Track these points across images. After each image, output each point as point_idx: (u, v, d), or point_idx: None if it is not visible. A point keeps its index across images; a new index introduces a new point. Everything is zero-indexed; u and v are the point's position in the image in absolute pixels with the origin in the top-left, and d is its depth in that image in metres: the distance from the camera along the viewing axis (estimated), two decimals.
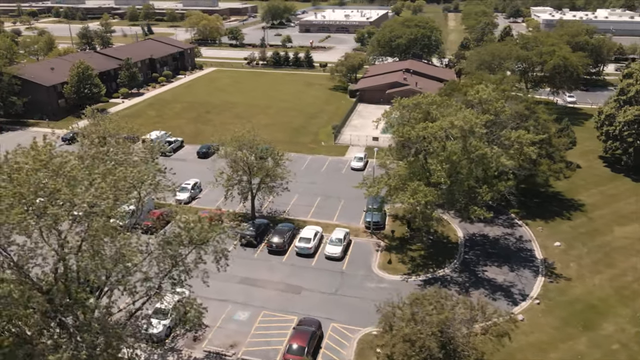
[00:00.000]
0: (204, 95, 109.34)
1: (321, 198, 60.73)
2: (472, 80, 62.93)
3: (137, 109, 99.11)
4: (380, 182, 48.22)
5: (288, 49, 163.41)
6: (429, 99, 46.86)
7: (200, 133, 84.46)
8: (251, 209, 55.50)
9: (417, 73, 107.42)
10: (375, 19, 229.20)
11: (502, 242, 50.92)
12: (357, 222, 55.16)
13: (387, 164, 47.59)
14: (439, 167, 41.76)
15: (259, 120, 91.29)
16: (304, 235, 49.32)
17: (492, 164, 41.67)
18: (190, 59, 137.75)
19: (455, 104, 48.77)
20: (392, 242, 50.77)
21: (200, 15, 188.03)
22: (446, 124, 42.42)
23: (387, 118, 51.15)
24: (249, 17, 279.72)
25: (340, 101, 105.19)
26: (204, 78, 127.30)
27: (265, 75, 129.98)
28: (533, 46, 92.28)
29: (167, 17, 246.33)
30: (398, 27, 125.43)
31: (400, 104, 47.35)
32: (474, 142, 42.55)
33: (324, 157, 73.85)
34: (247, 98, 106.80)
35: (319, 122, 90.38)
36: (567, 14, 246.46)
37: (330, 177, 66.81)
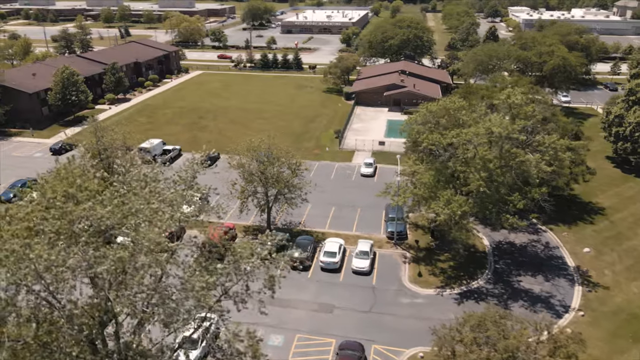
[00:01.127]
0: (195, 99, 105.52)
1: (336, 207, 58.36)
2: (491, 82, 61.41)
3: (126, 115, 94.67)
4: (406, 190, 46.23)
5: (273, 50, 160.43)
6: (456, 104, 45.02)
7: (197, 140, 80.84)
8: (267, 222, 52.70)
9: (412, 74, 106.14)
10: (357, 20, 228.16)
11: (530, 249, 49.58)
12: (377, 232, 53.01)
13: (414, 172, 45.46)
14: (476, 175, 39.90)
15: (256, 125, 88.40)
16: (329, 249, 46.88)
17: (533, 171, 40.07)
18: (175, 62, 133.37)
19: (480, 109, 47.17)
20: (419, 253, 48.82)
21: (181, 16, 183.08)
22: (482, 131, 40.63)
23: (410, 123, 48.98)
24: (227, 18, 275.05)
25: (336, 104, 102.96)
26: (191, 82, 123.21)
27: (255, 78, 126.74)
28: (531, 46, 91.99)
29: (144, 18, 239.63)
30: (390, 28, 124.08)
31: (428, 109, 45.31)
32: (511, 149, 40.92)
33: (331, 164, 71.48)
34: (240, 102, 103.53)
35: (319, 127, 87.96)
36: (544, 13, 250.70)
37: (341, 185, 64.50)
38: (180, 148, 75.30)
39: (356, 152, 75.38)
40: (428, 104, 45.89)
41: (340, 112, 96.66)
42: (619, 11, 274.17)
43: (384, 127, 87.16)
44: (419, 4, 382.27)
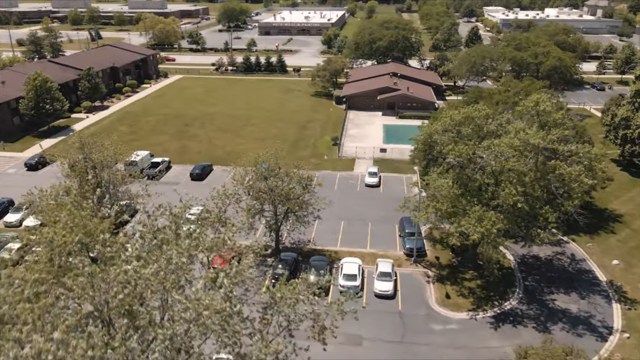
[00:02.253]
0: (178, 106, 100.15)
1: (345, 222, 54.73)
2: (502, 87, 58.88)
3: (106, 124, 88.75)
4: (428, 205, 43.02)
5: (254, 53, 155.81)
6: (482, 112, 42.03)
7: (186, 150, 76.05)
8: (275, 242, 48.63)
9: (403, 77, 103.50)
10: (335, 20, 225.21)
11: (557, 263, 47.10)
12: (393, 248, 49.65)
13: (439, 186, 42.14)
14: (512, 190, 36.91)
15: (247, 133, 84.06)
16: (348, 272, 43.21)
17: (574, 185, 37.39)
18: (154, 66, 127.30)
19: (501, 117, 44.36)
20: (442, 271, 45.67)
21: (156, 18, 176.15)
22: (516, 142, 37.70)
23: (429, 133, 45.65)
24: (201, 19, 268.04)
25: (327, 109, 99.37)
26: (172, 87, 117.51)
27: (239, 83, 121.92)
28: (525, 47, 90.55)
29: (115, 20, 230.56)
30: (378, 29, 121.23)
31: (452, 118, 42.13)
32: (547, 160, 38.14)
33: (332, 174, 67.82)
34: (227, 108, 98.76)
35: (313, 134, 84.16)
36: (519, 13, 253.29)
37: (346, 196, 60.91)
38: (170, 160, 70.27)
39: (357, 160, 71.92)
40: (452, 113, 42.69)
41: (333, 117, 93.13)
42: (589, 10, 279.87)
43: (381, 132, 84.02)
44: (393, 4, 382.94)
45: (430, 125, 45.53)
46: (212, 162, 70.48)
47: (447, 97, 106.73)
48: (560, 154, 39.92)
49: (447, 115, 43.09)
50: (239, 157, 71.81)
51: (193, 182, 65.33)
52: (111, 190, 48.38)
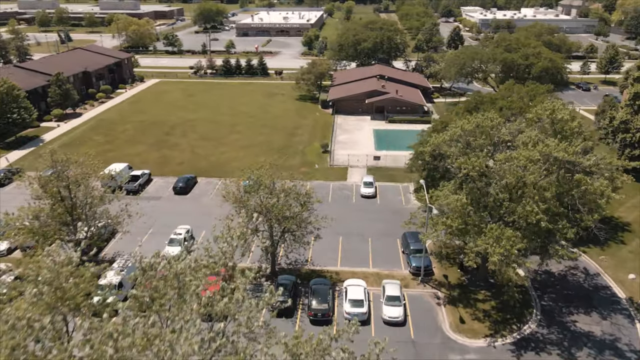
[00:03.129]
0: (157, 112, 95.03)
1: (343, 237, 51.18)
2: (505, 92, 56.22)
3: (79, 134, 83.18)
4: (437, 222, 39.91)
5: (234, 55, 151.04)
6: (495, 121, 39.03)
7: (167, 161, 71.34)
8: (271, 264, 44.73)
9: (391, 79, 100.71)
10: (315, 21, 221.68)
11: (571, 279, 44.53)
12: (397, 267, 46.35)
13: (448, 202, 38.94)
14: (534, 207, 33.96)
15: (231, 141, 79.80)
16: (354, 297, 39.66)
17: (602, 201, 34.69)
18: (128, 69, 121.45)
19: (514, 125, 41.53)
20: (452, 292, 42.56)
21: (129, 19, 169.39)
22: (536, 155, 34.77)
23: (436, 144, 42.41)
24: (176, 20, 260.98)
25: (313, 113, 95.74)
26: (149, 92, 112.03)
27: (219, 87, 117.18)
28: (515, 48, 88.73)
29: (86, 22, 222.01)
30: (362, 30, 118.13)
31: (462, 128, 38.98)
32: (567, 174, 35.36)
33: (325, 184, 64.19)
34: (208, 114, 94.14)
35: (302, 140, 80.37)
36: (497, 13, 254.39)
37: (342, 209, 57.35)
38: (150, 172, 65.49)
39: (350, 169, 68.48)
40: (462, 123, 39.55)
41: (320, 122, 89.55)
42: (564, 10, 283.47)
43: (372, 138, 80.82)
44: (370, 5, 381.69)
45: (437, 135, 42.28)
46: (196, 173, 66.08)
47: (435, 100, 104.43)
48: (579, 165, 37.17)
49: (456, 125, 39.91)
50: (224, 168, 68.56)
51: (177, 196, 60.80)
52: (87, 212, 43.71)
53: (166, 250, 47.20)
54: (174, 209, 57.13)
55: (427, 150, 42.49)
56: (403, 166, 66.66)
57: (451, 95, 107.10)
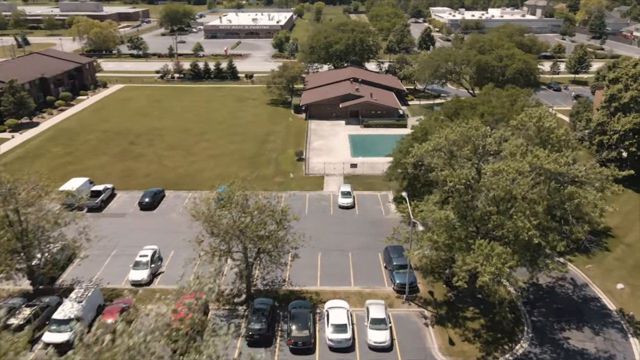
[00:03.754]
0: (121, 120, 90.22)
1: (322, 253, 48.42)
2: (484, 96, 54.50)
3: (35, 145, 77.84)
4: (423, 238, 37.69)
5: (202, 58, 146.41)
6: (480, 130, 36.98)
7: (132, 173, 67.12)
8: (247, 286, 41.57)
9: (364, 82, 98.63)
10: (284, 22, 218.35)
11: (560, 291, 43.02)
12: (380, 283, 43.93)
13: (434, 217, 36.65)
14: (526, 222, 31.98)
15: (201, 150, 76.04)
16: (337, 321, 36.93)
17: (595, 215, 33.03)
18: (90, 75, 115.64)
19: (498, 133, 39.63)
20: (439, 310, 40.37)
21: (90, 21, 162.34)
22: (526, 167, 32.83)
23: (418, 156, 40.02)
24: (142, 22, 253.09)
25: (286, 118, 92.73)
26: (113, 98, 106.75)
27: (188, 92, 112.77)
28: (489, 50, 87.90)
29: (45, 24, 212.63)
30: (333, 32, 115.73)
31: (447, 138, 36.76)
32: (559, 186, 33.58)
33: (300, 195, 61.31)
34: (176, 121, 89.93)
35: (274, 148, 77.26)
36: (465, 13, 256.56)
37: (320, 221, 54.60)
38: (114, 187, 61.22)
39: (326, 178, 65.80)
40: (446, 132, 37.33)
41: (293, 128, 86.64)
42: (529, 10, 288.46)
43: (347, 144, 78.38)
44: (339, 5, 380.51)
45: (419, 145, 39.98)
46: (163, 186, 62.19)
47: (410, 102, 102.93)
48: (568, 176, 35.45)
49: (440, 135, 37.69)
50: (193, 179, 64.85)
51: (143, 212, 56.85)
52: (40, 237, 39.63)
53: (131, 275, 43.59)
54: (140, 227, 53.25)
55: (409, 162, 40.11)
56: (381, 173, 64.57)
57: (425, 97, 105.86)
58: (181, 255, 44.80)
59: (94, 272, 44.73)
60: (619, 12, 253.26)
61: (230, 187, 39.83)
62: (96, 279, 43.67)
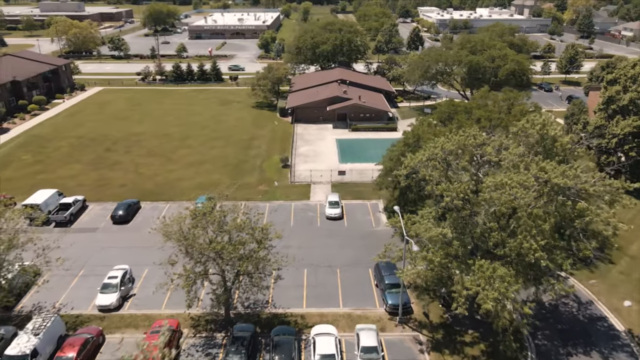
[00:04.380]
0: (97, 125, 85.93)
1: (309, 270, 45.00)
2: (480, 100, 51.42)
3: (3, 153, 73.35)
4: (417, 257, 34.49)
5: (185, 59, 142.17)
6: (478, 139, 33.81)
7: (107, 183, 63.06)
8: (225, 311, 38.00)
9: (352, 84, 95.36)
10: (271, 23, 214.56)
11: (564, 309, 40.04)
12: (371, 304, 40.61)
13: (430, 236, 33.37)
14: (532, 243, 28.89)
15: (181, 157, 72.14)
16: (324, 351, 33.52)
17: (609, 233, 30.05)
18: (67, 77, 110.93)
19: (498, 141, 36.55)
20: (435, 334, 37.15)
21: (69, 21, 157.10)
22: (531, 181, 29.73)
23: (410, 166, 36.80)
24: (125, 22, 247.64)
25: (271, 122, 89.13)
26: (90, 102, 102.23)
27: (169, 94, 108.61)
28: (480, 50, 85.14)
29: (23, 25, 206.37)
30: (320, 32, 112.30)
31: (443, 148, 33.52)
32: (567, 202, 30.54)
33: (285, 204, 57.79)
34: (156, 126, 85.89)
35: (259, 154, 73.64)
36: (453, 13, 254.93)
37: (306, 234, 51.17)
38: (85, 198, 57.15)
39: (313, 186, 62.35)
40: (442, 141, 34.10)
41: (279, 133, 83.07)
42: (517, 9, 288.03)
43: (335, 149, 75.02)
44: (327, 5, 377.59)
45: (412, 155, 36.71)
46: (139, 197, 58.29)
47: (400, 104, 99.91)
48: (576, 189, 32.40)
49: (436, 145, 34.46)
50: (173, 189, 61.02)
51: (116, 226, 52.88)
52: None
53: (98, 300, 39.73)
54: (112, 243, 49.34)
55: (402, 173, 36.80)
56: (371, 181, 61.41)
57: (415, 99, 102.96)
58: (155, 275, 41.27)
59: (58, 295, 40.82)
60: (606, 12, 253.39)
61: (206, 203, 36.30)
62: (59, 304, 39.76)
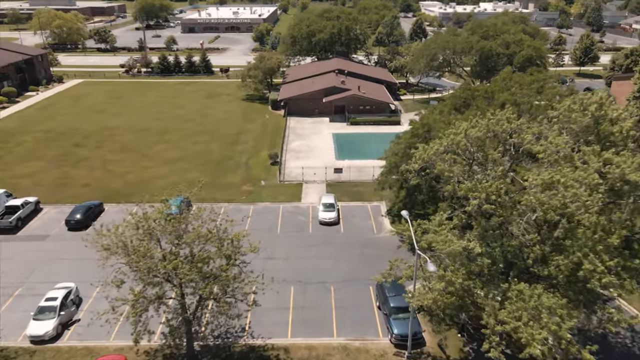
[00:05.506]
0: (70, 119, 77.88)
1: (296, 288, 36.98)
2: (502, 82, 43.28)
3: None
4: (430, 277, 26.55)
5: (174, 52, 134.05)
6: (513, 123, 25.72)
7: (68, 183, 55.04)
8: (187, 342, 29.89)
9: (351, 74, 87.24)
10: (267, 16, 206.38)
11: (614, 340, 31.92)
12: (373, 332, 32.56)
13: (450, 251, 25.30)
14: (598, 264, 20.90)
15: (158, 153, 64.08)
16: None
17: None
18: (43, 69, 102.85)
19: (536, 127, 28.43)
20: None
21: (53, 13, 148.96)
22: (595, 178, 21.69)
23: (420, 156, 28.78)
24: (117, 17, 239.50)
25: (262, 115, 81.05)
26: (67, 94, 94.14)
27: (154, 87, 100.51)
28: (493, 35, 77.03)
29: (9, 18, 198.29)
30: (317, 20, 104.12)
31: (467, 134, 25.47)
32: None
33: (272, 207, 49.73)
34: (134, 120, 77.84)
35: (246, 149, 65.61)
36: (456, 7, 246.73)
37: (294, 243, 43.12)
38: (39, 200, 49.02)
39: (305, 186, 54.27)
40: (465, 127, 26.05)
41: (270, 127, 74.99)
42: (522, 4, 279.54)
43: (332, 144, 66.94)
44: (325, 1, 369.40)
45: (425, 146, 28.62)
46: (103, 199, 50.17)
47: (402, 97, 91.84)
48: None
49: (457, 131, 26.37)
50: (144, 189, 52.73)
51: (70, 233, 44.78)
52: None
53: (29, 329, 31.64)
54: (63, 254, 41.27)
55: (412, 168, 28.70)
56: (371, 180, 53.41)
57: (420, 91, 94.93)
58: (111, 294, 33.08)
59: None
60: (614, 5, 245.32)
61: (163, 204, 28.31)
62: None
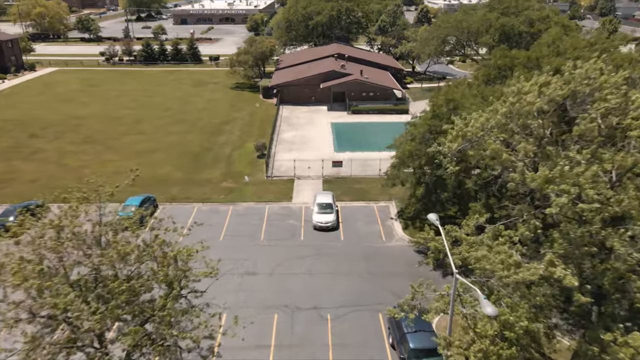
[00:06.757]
0: (33, 107, 68.70)
1: (281, 315, 27.80)
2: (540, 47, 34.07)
3: None
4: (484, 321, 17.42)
5: (163, 41, 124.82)
6: (611, 79, 16.58)
7: (13, 178, 45.86)
8: None
9: (352, 59, 77.94)
10: (264, 7, 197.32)
11: None
12: None
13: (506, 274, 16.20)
14: None
15: (127, 145, 54.88)
16: None
17: None
18: (14, 55, 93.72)
19: None
20: None
21: (33, 1, 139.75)
22: None
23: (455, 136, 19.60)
24: (107, 10, 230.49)
25: (252, 104, 71.83)
26: (37, 82, 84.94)
27: (135, 75, 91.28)
28: (515, 12, 67.83)
29: None
30: (314, 2, 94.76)
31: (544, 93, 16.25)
32: None
33: (256, 208, 40.53)
34: (106, 108, 68.63)
35: (230, 140, 56.46)
36: None
37: (282, 255, 33.90)
38: None
39: (297, 182, 45.02)
40: (540, 84, 16.84)
41: (259, 116, 65.80)
42: None
43: (330, 135, 57.72)
44: None
45: (463, 123, 19.39)
46: (47, 197, 40.75)
47: (409, 85, 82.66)
48: None
49: (521, 89, 17.13)
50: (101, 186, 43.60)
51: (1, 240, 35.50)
52: None
53: None
54: None
55: (448, 149, 19.48)
56: (377, 175, 44.26)
57: (428, 79, 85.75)
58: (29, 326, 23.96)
59: None
60: None
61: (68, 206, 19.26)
62: None
